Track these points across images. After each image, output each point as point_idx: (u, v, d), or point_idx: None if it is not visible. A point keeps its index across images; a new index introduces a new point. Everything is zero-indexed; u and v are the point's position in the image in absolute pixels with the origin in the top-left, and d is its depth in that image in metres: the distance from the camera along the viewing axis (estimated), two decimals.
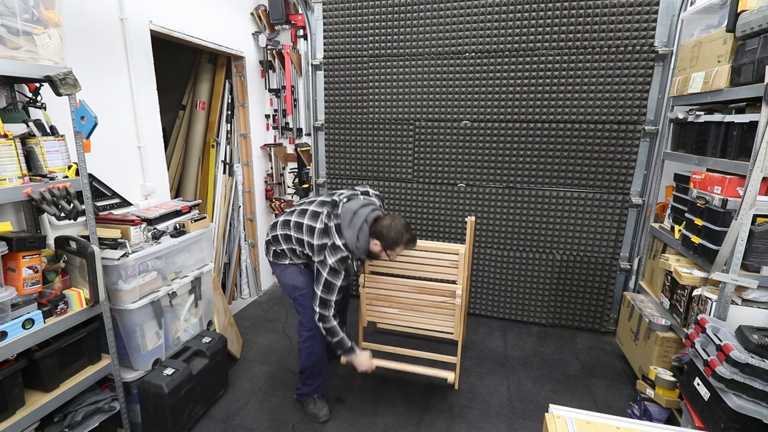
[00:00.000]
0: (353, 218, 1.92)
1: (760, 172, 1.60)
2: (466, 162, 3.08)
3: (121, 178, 2.20)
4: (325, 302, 1.93)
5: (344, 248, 1.88)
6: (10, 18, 1.37)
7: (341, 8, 3.11)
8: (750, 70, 1.69)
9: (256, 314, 3.30)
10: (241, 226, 3.47)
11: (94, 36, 1.99)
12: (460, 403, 2.29)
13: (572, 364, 2.68)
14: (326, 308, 1.94)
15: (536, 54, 2.77)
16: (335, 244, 1.89)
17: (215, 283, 2.58)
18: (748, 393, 1.44)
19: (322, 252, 1.91)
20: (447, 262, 2.21)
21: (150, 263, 1.96)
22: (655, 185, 2.67)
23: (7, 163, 1.39)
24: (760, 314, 1.76)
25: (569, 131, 2.81)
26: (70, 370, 1.69)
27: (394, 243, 1.94)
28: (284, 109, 3.45)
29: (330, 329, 1.96)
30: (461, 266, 2.19)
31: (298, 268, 2.09)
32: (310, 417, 2.15)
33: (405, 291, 2.29)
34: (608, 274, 2.95)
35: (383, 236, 1.94)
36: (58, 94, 1.48)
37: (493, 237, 3.13)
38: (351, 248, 1.90)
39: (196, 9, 2.66)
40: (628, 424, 1.15)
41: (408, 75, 3.06)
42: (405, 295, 2.29)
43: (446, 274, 2.24)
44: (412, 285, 2.27)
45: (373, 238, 1.96)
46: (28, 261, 1.49)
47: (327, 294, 1.92)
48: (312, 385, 2.16)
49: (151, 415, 1.90)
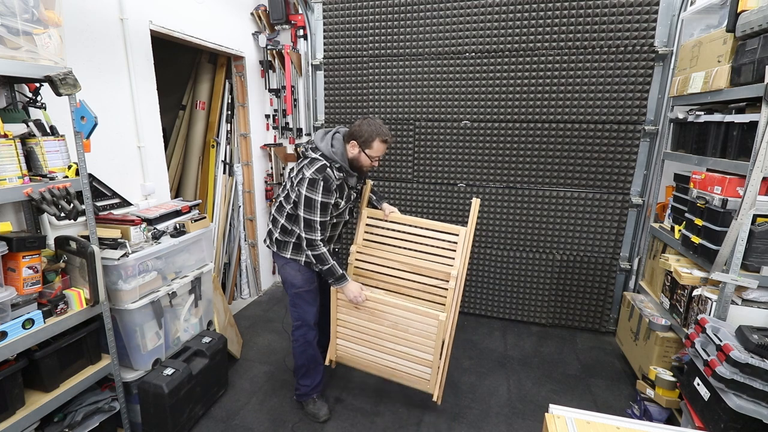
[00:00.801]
0: (325, 135, 1.93)
1: (760, 172, 1.60)
2: (466, 162, 3.08)
3: (121, 178, 2.20)
4: (309, 223, 1.83)
5: (321, 158, 1.85)
6: (10, 18, 1.37)
7: (341, 8, 3.11)
8: (750, 70, 1.69)
9: (256, 314, 3.30)
10: (241, 226, 3.47)
11: (94, 36, 1.99)
12: (460, 403, 2.29)
13: (572, 364, 2.68)
14: (311, 231, 1.84)
15: (536, 54, 2.77)
16: (312, 158, 1.86)
17: (215, 283, 2.58)
18: (748, 393, 1.44)
19: (300, 173, 1.86)
20: (446, 244, 2.09)
21: (150, 263, 1.96)
22: (655, 185, 2.67)
23: (7, 163, 1.39)
24: (760, 314, 1.77)
25: (569, 131, 2.81)
26: (70, 370, 1.69)
27: (369, 137, 1.86)
28: (284, 109, 3.45)
29: (318, 256, 1.87)
30: (460, 249, 2.05)
31: (298, 265, 2.05)
32: (310, 417, 2.15)
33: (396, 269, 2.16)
34: (608, 274, 2.95)
35: (357, 133, 1.87)
36: (58, 94, 1.48)
37: (493, 237, 3.13)
38: (328, 155, 1.86)
39: (196, 9, 2.66)
40: (628, 424, 1.15)
41: (408, 75, 3.06)
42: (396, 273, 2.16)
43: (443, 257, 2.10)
44: (405, 263, 2.13)
45: (349, 141, 1.91)
46: (28, 261, 1.49)
47: (309, 213, 1.82)
48: (309, 385, 2.16)
49: (151, 415, 1.90)
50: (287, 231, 2.01)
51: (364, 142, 1.88)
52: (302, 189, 1.82)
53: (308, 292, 2.07)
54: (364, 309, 2.11)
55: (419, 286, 2.13)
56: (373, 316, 2.11)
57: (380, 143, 1.89)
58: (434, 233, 2.13)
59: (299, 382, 2.18)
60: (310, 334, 2.11)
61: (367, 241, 2.27)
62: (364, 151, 1.90)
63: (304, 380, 2.17)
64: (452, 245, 2.09)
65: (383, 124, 1.91)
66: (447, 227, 2.11)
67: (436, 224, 2.14)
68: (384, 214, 2.20)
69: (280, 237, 2.04)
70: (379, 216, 2.22)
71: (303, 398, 2.20)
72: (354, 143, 1.90)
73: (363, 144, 1.89)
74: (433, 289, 2.10)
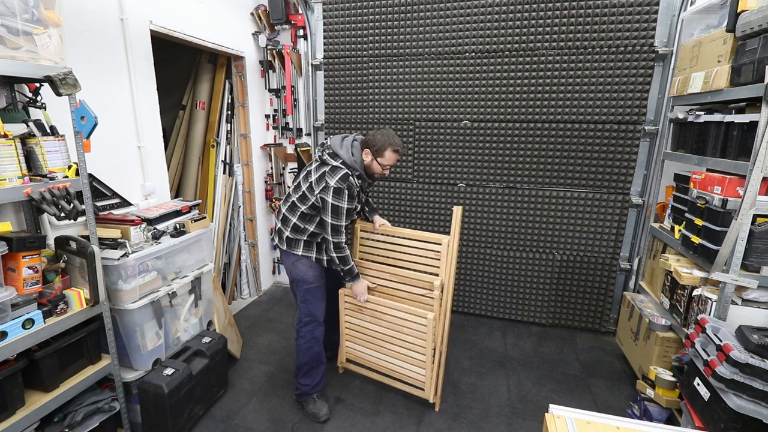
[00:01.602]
0: (343, 141, 2.02)
1: (760, 172, 1.60)
2: (466, 162, 3.08)
3: (121, 178, 2.20)
4: (336, 228, 1.96)
5: (343, 166, 1.95)
6: (10, 18, 1.37)
7: (341, 8, 3.11)
8: (750, 70, 1.69)
9: (256, 314, 3.30)
10: (241, 226, 3.47)
11: (94, 36, 1.99)
12: (460, 403, 2.29)
13: (572, 364, 2.68)
14: (338, 234, 1.97)
15: (536, 54, 2.77)
16: (334, 166, 1.95)
17: (215, 283, 2.58)
18: (748, 393, 1.44)
19: (322, 179, 1.94)
20: (431, 253, 2.15)
21: (150, 263, 1.96)
22: (655, 185, 2.67)
23: (7, 163, 1.39)
24: (760, 314, 1.77)
25: (569, 131, 2.81)
26: (70, 370, 1.69)
27: (381, 147, 1.98)
28: (284, 109, 3.45)
29: (344, 257, 2.03)
30: (444, 258, 2.10)
31: (309, 261, 2.11)
32: (310, 417, 2.15)
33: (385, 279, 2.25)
34: (608, 274, 2.95)
35: (371, 142, 1.99)
36: (58, 94, 1.48)
37: (493, 237, 3.13)
38: (349, 164, 1.97)
39: (196, 9, 2.66)
40: (628, 424, 1.15)
41: (408, 75, 3.06)
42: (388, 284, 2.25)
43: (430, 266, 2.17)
44: (392, 273, 2.22)
45: (363, 149, 2.02)
46: (28, 261, 1.49)
47: (336, 219, 1.94)
48: (309, 384, 2.17)
49: (151, 415, 1.90)
50: (299, 229, 2.07)
51: (377, 151, 1.99)
52: (327, 197, 1.92)
53: (318, 288, 2.14)
54: (366, 311, 2.27)
55: (409, 296, 2.20)
56: (374, 318, 2.26)
57: (392, 153, 2.00)
58: (422, 243, 2.18)
59: (300, 381, 2.19)
60: (318, 330, 2.15)
61: (363, 253, 2.39)
62: (376, 159, 2.01)
63: (305, 379, 2.17)
64: (437, 254, 2.13)
65: (395, 135, 2.03)
66: (430, 237, 2.16)
67: (420, 234, 2.20)
68: (374, 227, 2.31)
69: (291, 235, 2.09)
70: (369, 228, 2.33)
71: (303, 398, 2.20)
72: (368, 151, 2.01)
73: (376, 152, 2.00)
74: (421, 297, 2.16)
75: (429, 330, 2.05)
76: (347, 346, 2.43)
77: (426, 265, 2.18)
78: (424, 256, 2.18)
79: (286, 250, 2.12)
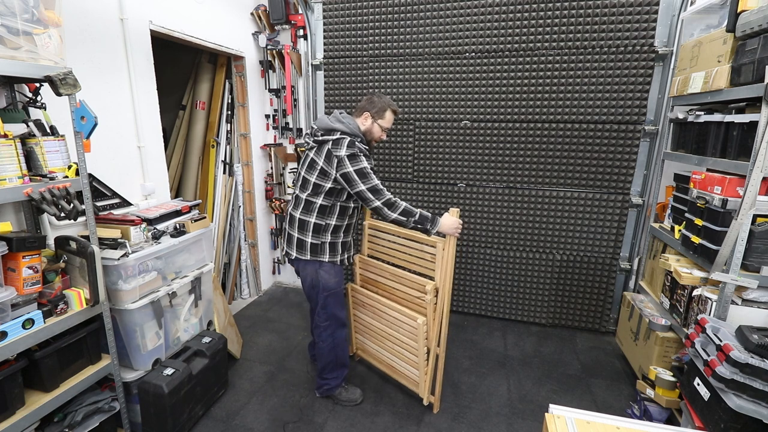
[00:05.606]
0: (330, 118, 2.00)
1: (760, 172, 1.60)
2: (466, 162, 3.08)
3: (121, 178, 2.20)
4: (374, 190, 1.88)
5: (345, 135, 1.93)
6: (10, 18, 1.36)
7: (341, 8, 3.11)
8: (750, 70, 1.69)
9: (256, 314, 3.30)
10: (241, 226, 3.47)
11: (94, 36, 1.99)
12: (460, 403, 2.29)
13: (572, 364, 2.68)
14: (381, 194, 1.89)
15: (536, 54, 2.77)
16: (335, 139, 1.92)
17: (215, 283, 2.58)
18: (748, 393, 1.44)
19: (331, 157, 1.89)
20: (428, 255, 2.11)
21: (150, 263, 1.96)
22: (655, 185, 2.67)
23: (7, 163, 1.39)
24: (760, 314, 1.76)
25: (569, 131, 2.81)
26: (70, 370, 1.69)
27: (381, 108, 2.01)
28: (284, 109, 3.45)
29: (403, 210, 1.89)
30: (439, 261, 2.04)
31: (334, 267, 2.07)
32: (347, 402, 2.22)
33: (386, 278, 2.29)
34: (608, 274, 2.95)
35: (369, 106, 2.02)
36: (58, 94, 1.48)
37: (493, 237, 3.13)
38: (350, 131, 1.95)
39: (196, 9, 2.66)
40: (628, 424, 1.15)
41: (408, 75, 3.06)
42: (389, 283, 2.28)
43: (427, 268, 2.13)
44: (393, 272, 2.23)
45: (361, 114, 2.04)
46: (28, 261, 1.49)
47: (368, 181, 1.88)
48: (339, 377, 2.22)
49: (151, 415, 1.90)
50: (320, 229, 2.01)
51: (377, 113, 2.03)
52: (347, 168, 1.87)
53: (339, 293, 2.13)
54: (368, 307, 2.34)
55: (407, 296, 2.21)
56: (375, 315, 2.33)
57: (391, 113, 2.06)
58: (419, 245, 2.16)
59: (326, 376, 2.22)
60: (340, 331, 2.16)
61: (371, 251, 2.42)
62: (377, 122, 2.04)
63: (332, 374, 2.21)
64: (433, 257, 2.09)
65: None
66: (425, 239, 2.11)
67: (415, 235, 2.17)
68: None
69: (313, 240, 2.01)
70: (376, 226, 2.35)
71: (332, 391, 2.24)
72: (367, 115, 2.03)
73: (376, 114, 2.03)
74: (417, 300, 2.15)
75: (420, 333, 2.05)
76: (356, 338, 2.56)
77: (424, 267, 2.17)
78: (422, 258, 2.17)
79: (310, 259, 2.03)
